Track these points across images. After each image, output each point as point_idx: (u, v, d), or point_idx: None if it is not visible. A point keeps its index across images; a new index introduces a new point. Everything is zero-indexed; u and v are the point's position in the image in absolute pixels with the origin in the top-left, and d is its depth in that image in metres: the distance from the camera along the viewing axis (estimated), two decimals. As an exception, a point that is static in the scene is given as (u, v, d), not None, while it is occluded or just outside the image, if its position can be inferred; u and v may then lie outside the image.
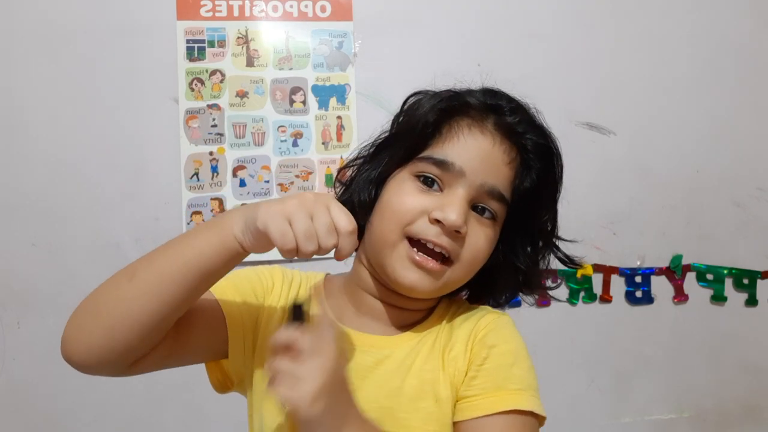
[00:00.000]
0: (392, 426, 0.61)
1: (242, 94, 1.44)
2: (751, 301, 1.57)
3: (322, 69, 1.46)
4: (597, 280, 1.53)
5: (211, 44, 1.43)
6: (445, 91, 0.68)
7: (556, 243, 0.72)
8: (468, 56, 1.51)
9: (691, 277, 1.56)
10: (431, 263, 0.62)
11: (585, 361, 1.52)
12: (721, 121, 1.58)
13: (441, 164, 0.63)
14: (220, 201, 1.42)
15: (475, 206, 0.64)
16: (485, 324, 0.67)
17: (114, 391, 1.38)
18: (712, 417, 1.56)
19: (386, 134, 0.71)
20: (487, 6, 1.52)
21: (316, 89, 1.46)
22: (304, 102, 1.45)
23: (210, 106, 1.43)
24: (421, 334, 0.68)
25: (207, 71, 1.43)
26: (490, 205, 0.64)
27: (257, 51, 1.45)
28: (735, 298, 1.57)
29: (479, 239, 0.64)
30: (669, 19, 1.58)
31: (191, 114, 1.42)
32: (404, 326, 0.69)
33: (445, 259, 0.63)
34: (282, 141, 1.44)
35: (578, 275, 1.51)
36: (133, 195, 1.40)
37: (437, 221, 0.61)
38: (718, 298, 1.56)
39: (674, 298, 1.55)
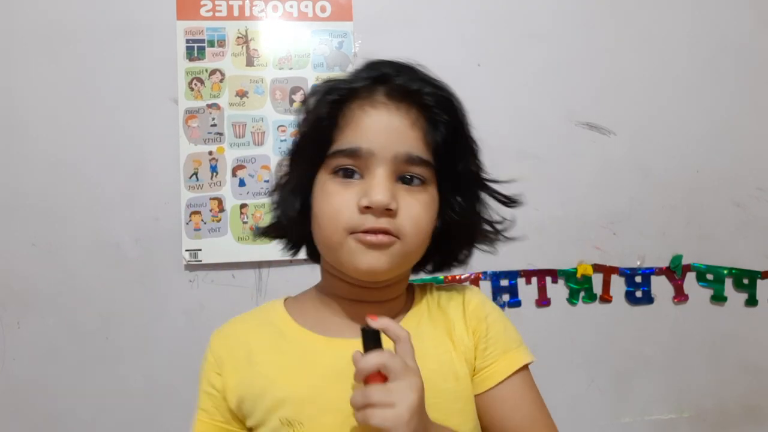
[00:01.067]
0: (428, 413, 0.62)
1: (242, 94, 1.44)
2: (751, 301, 1.57)
3: (322, 69, 1.46)
4: (597, 280, 1.53)
5: (211, 44, 1.43)
6: (329, 81, 0.68)
7: (488, 185, 0.72)
8: (468, 56, 1.51)
9: (691, 277, 1.56)
10: (380, 236, 0.62)
11: (585, 361, 1.52)
12: (721, 121, 1.58)
13: (350, 153, 0.63)
14: (219, 201, 1.42)
15: (402, 178, 0.64)
16: (469, 299, 0.72)
17: (114, 391, 1.38)
18: (712, 417, 1.56)
19: (295, 142, 0.70)
20: (487, 6, 1.52)
21: (316, 89, 1.46)
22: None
23: (210, 106, 1.43)
24: (414, 321, 0.69)
25: (207, 71, 1.43)
26: (414, 171, 0.64)
27: (257, 51, 1.45)
28: (735, 298, 1.57)
29: (414, 207, 0.64)
30: (669, 19, 1.58)
31: (191, 113, 1.42)
32: (397, 314, 0.70)
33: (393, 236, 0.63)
34: (282, 141, 1.44)
35: (578, 275, 1.51)
36: (132, 195, 1.40)
37: (367, 207, 0.61)
38: (718, 298, 1.56)
39: (674, 298, 1.55)
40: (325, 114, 0.65)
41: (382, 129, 0.63)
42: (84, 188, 1.39)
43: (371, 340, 0.56)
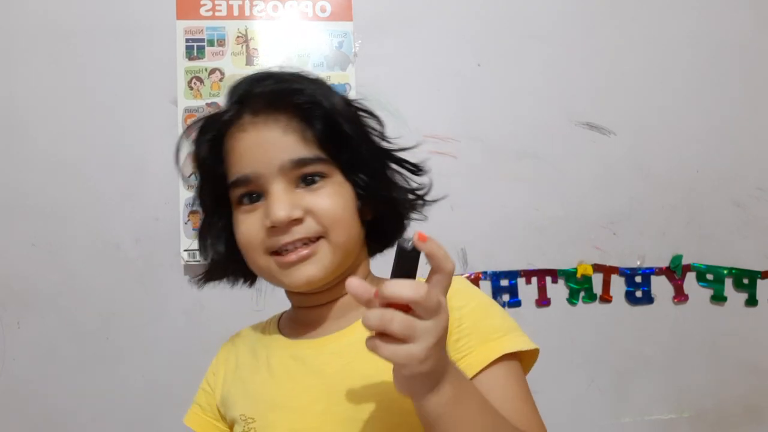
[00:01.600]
0: (376, 411, 0.61)
1: (242, 94, 1.44)
2: (751, 301, 1.57)
3: (322, 69, 1.46)
4: (597, 280, 1.53)
5: (211, 43, 1.43)
6: (201, 119, 0.69)
7: (392, 155, 0.71)
8: (468, 56, 1.51)
9: (691, 277, 1.56)
10: (295, 255, 0.63)
11: (585, 361, 1.52)
12: (721, 121, 1.58)
13: (241, 183, 0.64)
14: (220, 201, 1.42)
15: (304, 180, 0.64)
16: None
17: (114, 391, 1.38)
18: (712, 417, 1.56)
19: (197, 187, 0.72)
20: (487, 6, 1.52)
21: (316, 89, 1.46)
22: (304, 102, 1.45)
23: (209, 105, 1.43)
24: None
25: (206, 70, 1.43)
26: (308, 171, 0.64)
27: (257, 50, 1.45)
28: (735, 298, 1.57)
29: (322, 202, 0.63)
30: (669, 19, 1.58)
31: (190, 113, 1.42)
32: (353, 311, 0.68)
33: (315, 239, 0.64)
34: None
35: (578, 275, 1.51)
36: (132, 195, 1.40)
37: (272, 228, 0.62)
38: (718, 298, 1.56)
39: (674, 298, 1.55)
40: (206, 154, 0.67)
41: (257, 148, 0.63)
42: (84, 188, 1.39)
43: (409, 262, 0.47)
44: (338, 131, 0.65)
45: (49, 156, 1.39)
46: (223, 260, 0.70)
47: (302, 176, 0.64)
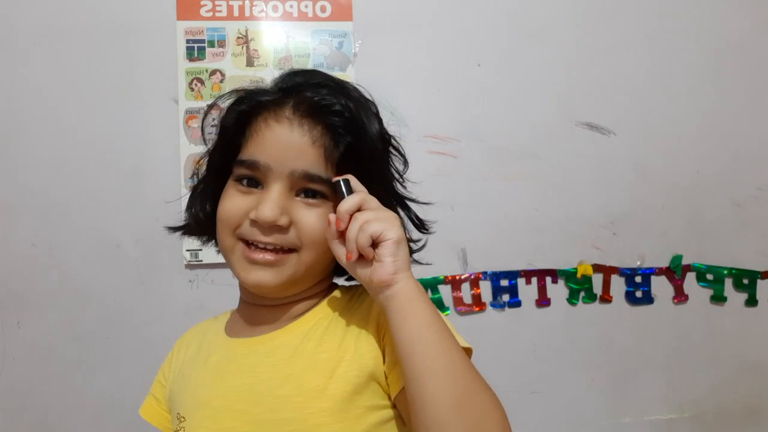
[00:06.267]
0: (292, 412, 0.60)
1: (242, 94, 1.44)
2: (751, 301, 1.57)
3: (323, 69, 1.45)
4: (597, 280, 1.53)
5: (211, 44, 1.43)
6: (241, 89, 0.68)
7: (404, 202, 0.71)
8: (468, 56, 1.51)
9: (691, 277, 1.56)
10: (262, 255, 0.63)
11: (585, 361, 1.52)
12: (721, 121, 1.58)
13: (250, 165, 0.64)
14: (220, 201, 1.42)
15: (305, 191, 0.64)
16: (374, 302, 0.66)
17: (114, 391, 1.38)
18: (712, 417, 1.56)
19: (209, 147, 0.72)
20: (487, 6, 1.52)
21: (316, 89, 1.45)
22: (304, 102, 1.45)
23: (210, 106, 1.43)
24: (311, 323, 0.67)
25: (207, 71, 1.43)
26: (313, 187, 0.64)
27: (257, 51, 1.45)
28: (735, 298, 1.57)
29: (310, 221, 0.64)
30: (669, 19, 1.58)
31: (191, 114, 1.42)
32: (296, 316, 0.68)
33: (287, 250, 0.64)
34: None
35: (578, 275, 1.51)
36: (132, 195, 1.40)
37: (254, 221, 0.63)
38: (718, 298, 1.56)
39: (674, 298, 1.55)
40: (231, 123, 0.67)
41: (282, 144, 0.63)
42: (84, 188, 1.39)
43: (347, 187, 0.61)
44: (363, 167, 0.65)
45: (49, 156, 1.39)
46: (204, 220, 0.71)
47: (306, 188, 0.64)
